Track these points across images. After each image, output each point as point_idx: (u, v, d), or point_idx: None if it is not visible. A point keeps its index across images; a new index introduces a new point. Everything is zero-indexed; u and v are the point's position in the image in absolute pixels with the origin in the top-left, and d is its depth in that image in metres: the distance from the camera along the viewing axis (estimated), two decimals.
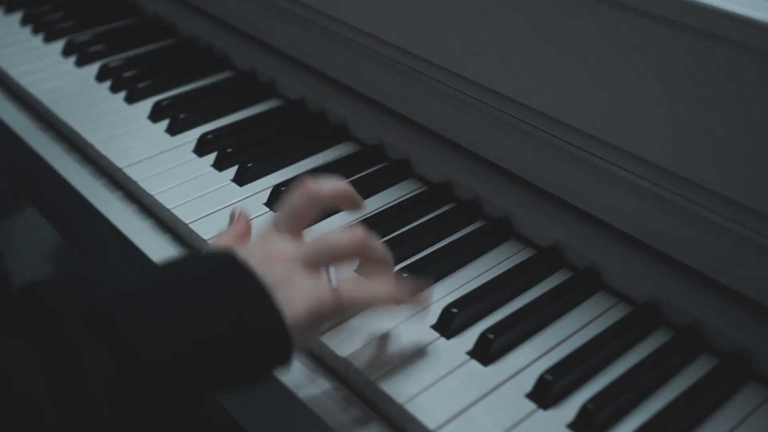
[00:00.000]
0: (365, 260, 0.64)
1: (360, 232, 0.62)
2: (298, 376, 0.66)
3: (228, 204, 0.82)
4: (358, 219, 0.80)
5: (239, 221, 0.70)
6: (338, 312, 0.60)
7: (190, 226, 0.79)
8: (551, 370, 0.63)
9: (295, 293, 0.57)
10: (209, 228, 0.79)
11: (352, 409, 0.64)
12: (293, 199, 0.64)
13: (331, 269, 0.61)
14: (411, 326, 0.68)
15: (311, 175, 0.85)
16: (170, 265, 0.59)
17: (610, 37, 0.66)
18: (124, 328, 0.51)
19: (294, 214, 0.64)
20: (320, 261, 0.61)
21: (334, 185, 0.66)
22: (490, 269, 0.75)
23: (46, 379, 0.49)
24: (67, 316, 0.51)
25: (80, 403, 0.50)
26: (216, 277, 0.55)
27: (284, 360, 0.57)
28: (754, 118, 0.59)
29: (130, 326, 0.52)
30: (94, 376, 0.50)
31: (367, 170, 0.87)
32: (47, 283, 0.54)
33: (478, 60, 0.77)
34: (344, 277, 0.61)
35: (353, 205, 0.69)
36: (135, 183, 0.85)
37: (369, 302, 0.62)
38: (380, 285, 0.63)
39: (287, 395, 0.66)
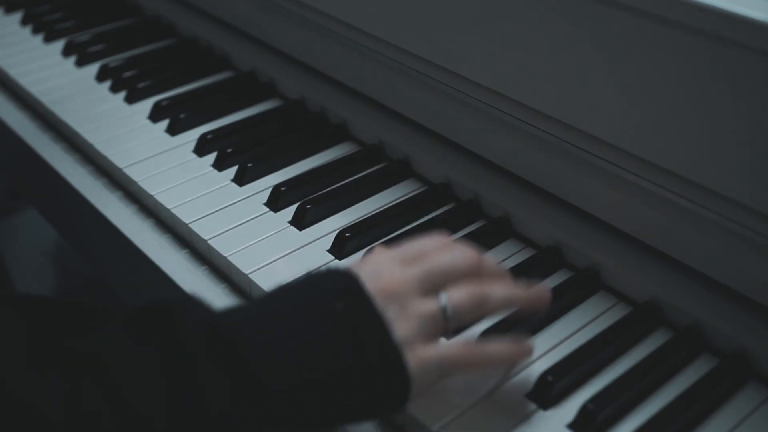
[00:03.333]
0: (481, 279, 0.60)
1: (471, 251, 0.60)
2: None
3: (228, 204, 0.82)
4: (356, 221, 0.80)
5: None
6: (466, 363, 0.58)
7: (190, 226, 0.79)
8: (551, 370, 0.63)
9: (413, 328, 0.55)
10: (209, 228, 0.79)
11: None
12: (426, 243, 0.61)
13: (444, 296, 0.58)
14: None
15: (308, 175, 0.85)
16: (288, 288, 0.57)
17: (610, 37, 0.66)
18: (249, 358, 0.51)
19: (443, 274, 0.59)
20: (436, 285, 0.58)
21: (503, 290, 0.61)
22: None
23: (168, 401, 0.49)
24: (192, 339, 0.51)
25: (200, 423, 0.49)
26: (335, 305, 0.54)
27: (398, 403, 0.55)
28: (755, 118, 0.59)
29: (254, 355, 0.51)
30: (214, 405, 0.49)
31: (367, 170, 0.87)
32: (174, 302, 0.54)
33: (478, 60, 0.77)
34: (459, 304, 0.57)
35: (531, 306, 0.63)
36: (135, 183, 0.85)
37: (498, 355, 0.60)
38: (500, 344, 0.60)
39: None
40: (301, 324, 0.53)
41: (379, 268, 0.57)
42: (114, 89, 1.02)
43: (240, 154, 0.88)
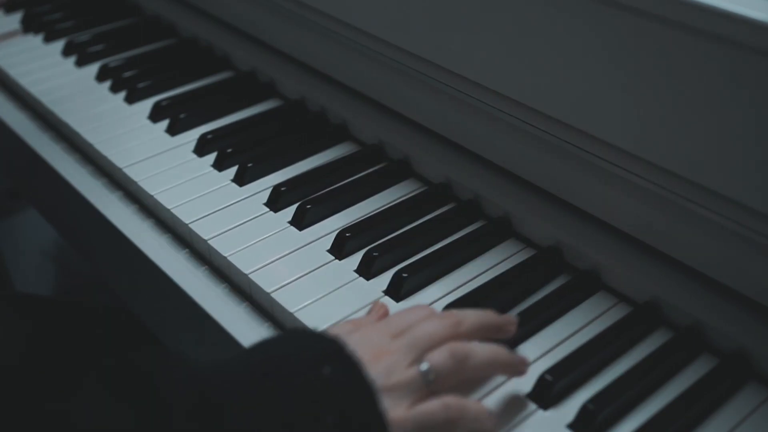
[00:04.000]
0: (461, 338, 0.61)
1: (452, 315, 0.61)
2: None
3: (228, 204, 0.82)
4: (355, 221, 0.80)
5: (378, 311, 0.66)
6: (447, 423, 0.57)
7: (190, 226, 0.79)
8: (551, 370, 0.63)
9: (398, 395, 0.56)
10: (209, 228, 0.79)
11: None
12: (413, 314, 0.62)
13: (425, 362, 0.58)
14: None
15: (308, 175, 0.85)
16: (276, 347, 0.57)
17: (609, 37, 0.66)
18: (230, 421, 0.51)
19: (433, 344, 0.59)
20: (419, 352, 0.59)
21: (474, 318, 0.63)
22: (489, 269, 0.75)
23: None
24: (176, 398, 0.51)
25: None
26: (322, 368, 0.54)
27: None
28: (755, 118, 0.59)
29: (237, 420, 0.51)
30: None
31: (367, 170, 0.87)
32: (159, 355, 0.54)
33: (478, 60, 0.77)
34: (440, 366, 0.58)
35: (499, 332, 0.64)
36: (135, 183, 0.85)
37: (476, 415, 0.58)
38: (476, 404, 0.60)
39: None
40: (286, 389, 0.52)
41: (368, 340, 0.58)
42: (114, 89, 1.02)
43: (240, 154, 0.88)
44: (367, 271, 0.74)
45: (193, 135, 0.93)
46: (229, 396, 0.52)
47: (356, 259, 0.75)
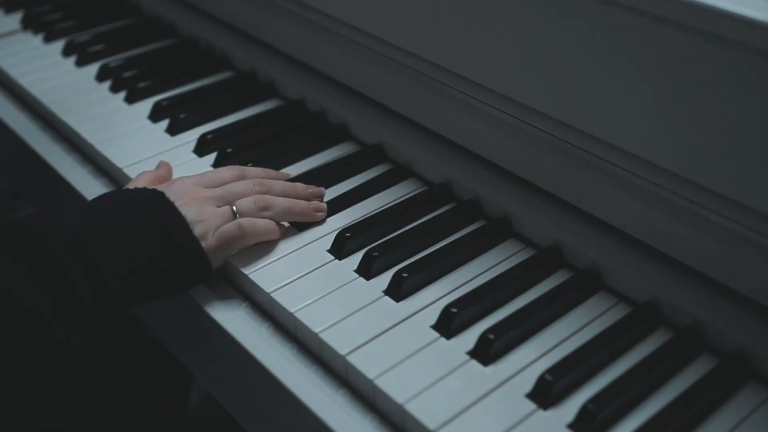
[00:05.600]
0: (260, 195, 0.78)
1: (261, 182, 0.79)
2: (296, 375, 0.66)
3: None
4: (355, 221, 0.80)
5: (162, 167, 0.84)
6: (241, 237, 0.74)
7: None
8: (551, 370, 0.63)
9: (208, 225, 0.72)
10: None
11: (352, 409, 0.64)
12: (223, 170, 0.80)
13: (233, 206, 0.75)
14: (411, 326, 0.68)
15: (311, 174, 0.85)
16: (112, 198, 0.74)
17: (609, 37, 0.66)
18: (95, 252, 0.67)
19: (219, 181, 0.78)
20: (226, 200, 0.76)
21: (258, 170, 0.82)
22: (490, 269, 0.75)
23: (51, 298, 0.64)
24: (54, 245, 0.66)
25: (76, 314, 0.65)
26: (150, 211, 0.71)
27: (205, 276, 0.72)
28: (754, 118, 0.59)
29: (100, 250, 0.67)
30: (84, 299, 0.65)
31: (367, 170, 0.87)
32: (28, 217, 0.70)
33: (478, 60, 0.77)
34: (244, 209, 0.75)
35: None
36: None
37: (265, 229, 0.76)
38: (273, 217, 0.77)
39: (286, 395, 0.66)
40: (129, 230, 0.69)
41: (183, 189, 0.75)
42: (114, 89, 1.02)
43: (240, 154, 0.88)
44: (367, 271, 0.74)
45: (193, 135, 0.93)
46: (95, 239, 0.68)
47: (356, 259, 0.75)
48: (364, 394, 0.65)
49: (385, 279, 0.73)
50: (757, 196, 0.61)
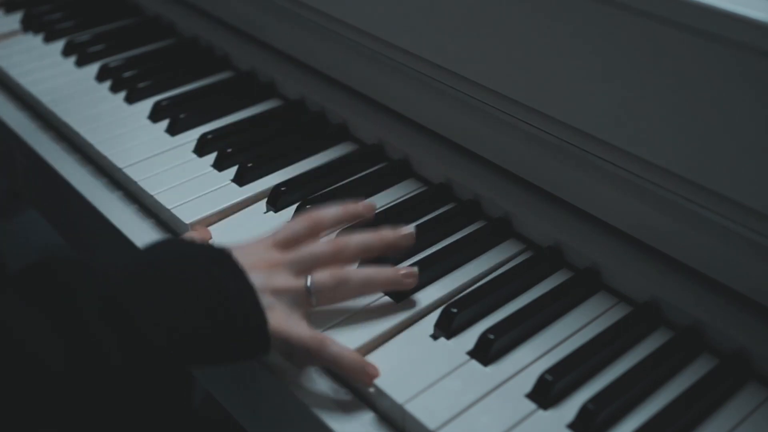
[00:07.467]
0: (344, 262, 0.69)
1: (336, 240, 0.69)
2: (298, 376, 0.66)
3: (228, 204, 0.82)
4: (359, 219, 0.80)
5: (202, 233, 0.77)
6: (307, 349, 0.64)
7: (190, 225, 0.79)
8: (551, 370, 0.63)
9: (278, 298, 0.64)
10: (209, 228, 0.79)
11: (353, 408, 0.64)
12: (295, 223, 0.70)
13: (309, 277, 0.66)
14: (411, 326, 0.68)
15: (311, 174, 0.85)
16: (169, 251, 0.64)
17: (610, 37, 0.66)
18: (136, 316, 0.58)
19: (293, 236, 0.69)
20: (304, 268, 0.67)
21: (334, 211, 0.72)
22: (490, 269, 0.75)
23: (65, 353, 0.56)
24: (83, 299, 0.57)
25: (95, 375, 0.56)
26: (212, 270, 0.62)
27: (257, 355, 0.64)
28: (754, 118, 0.59)
29: (142, 313, 0.58)
30: (111, 359, 0.56)
31: (367, 170, 0.87)
32: (62, 261, 0.61)
33: (478, 60, 0.77)
34: (320, 285, 0.66)
35: (359, 217, 0.74)
36: (135, 183, 0.85)
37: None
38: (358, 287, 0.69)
39: (287, 394, 0.66)
40: (181, 288, 0.60)
41: (253, 250, 0.66)
42: (114, 89, 1.02)
43: (240, 154, 0.88)
44: None
45: (193, 135, 0.93)
46: (136, 297, 0.59)
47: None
48: (363, 394, 0.65)
49: None
50: (757, 196, 0.61)
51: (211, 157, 0.90)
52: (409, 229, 0.72)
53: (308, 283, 0.66)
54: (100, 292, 0.58)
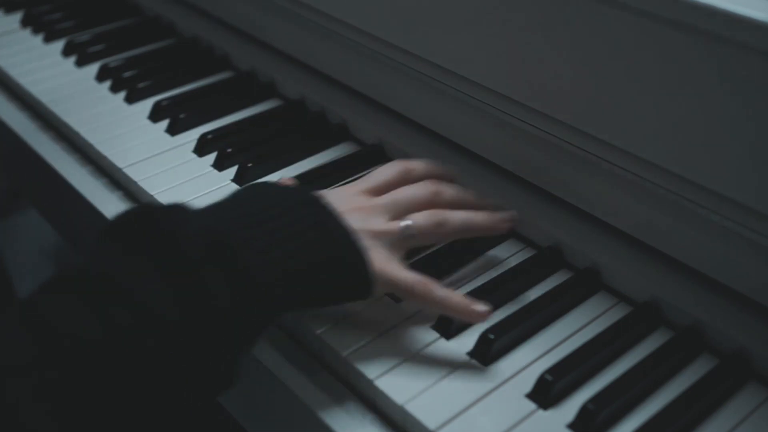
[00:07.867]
0: (439, 207, 0.69)
1: (432, 184, 0.69)
2: (296, 374, 0.66)
3: None
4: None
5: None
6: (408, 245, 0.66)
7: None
8: (551, 370, 0.63)
9: (377, 242, 0.63)
10: None
11: (352, 408, 0.64)
12: (386, 169, 0.71)
13: (408, 219, 0.66)
14: (411, 326, 0.68)
15: (311, 174, 0.85)
16: (264, 193, 0.63)
17: (609, 36, 0.66)
18: (241, 256, 0.57)
19: (384, 183, 0.69)
20: (398, 211, 0.67)
21: (424, 164, 0.73)
22: (489, 269, 0.75)
23: (174, 299, 0.54)
24: (187, 243, 0.56)
25: (206, 320, 0.55)
26: (310, 211, 0.61)
27: (361, 297, 0.63)
28: (755, 118, 0.59)
29: (247, 253, 0.57)
30: (220, 302, 0.55)
31: (367, 170, 0.87)
32: (160, 207, 0.60)
33: (478, 60, 0.77)
34: (421, 227, 0.66)
35: (444, 179, 0.73)
36: (135, 183, 0.85)
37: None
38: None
39: (287, 394, 0.66)
40: (282, 227, 0.59)
41: (345, 195, 0.67)
42: (114, 89, 1.02)
43: (240, 154, 0.88)
44: None
45: (193, 135, 0.93)
46: (240, 238, 0.57)
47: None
48: (364, 394, 0.65)
49: None
50: (757, 196, 0.61)
51: (211, 157, 0.90)
52: (507, 215, 0.72)
53: (406, 224, 0.65)
54: (203, 236, 0.57)
